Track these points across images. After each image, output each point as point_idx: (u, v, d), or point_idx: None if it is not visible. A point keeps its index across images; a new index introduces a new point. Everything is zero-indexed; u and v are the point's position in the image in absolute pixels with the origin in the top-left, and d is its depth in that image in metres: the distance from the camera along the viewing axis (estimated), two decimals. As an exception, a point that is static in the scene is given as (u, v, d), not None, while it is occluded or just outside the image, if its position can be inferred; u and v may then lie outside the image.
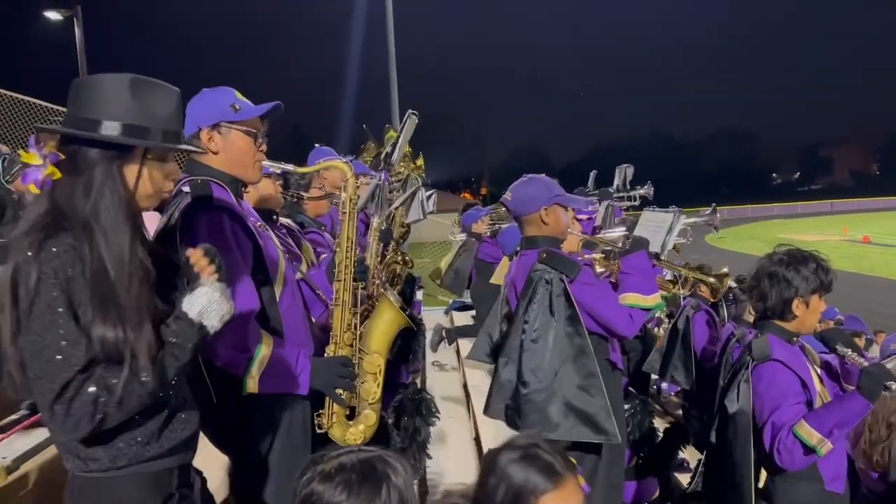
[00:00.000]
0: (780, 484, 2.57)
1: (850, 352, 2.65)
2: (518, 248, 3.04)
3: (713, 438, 2.78)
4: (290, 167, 2.61)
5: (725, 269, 3.20)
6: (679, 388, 6.02)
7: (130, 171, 1.64)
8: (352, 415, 2.33)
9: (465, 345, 7.50)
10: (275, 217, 2.94)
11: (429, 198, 4.03)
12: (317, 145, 4.36)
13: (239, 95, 2.24)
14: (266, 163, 2.37)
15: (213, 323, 1.63)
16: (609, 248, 3.12)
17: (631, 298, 2.75)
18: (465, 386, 6.38)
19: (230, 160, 2.21)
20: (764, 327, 2.67)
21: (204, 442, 2.24)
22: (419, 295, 10.10)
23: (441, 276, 8.19)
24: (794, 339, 2.66)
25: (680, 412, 5.90)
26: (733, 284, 4.94)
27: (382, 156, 3.91)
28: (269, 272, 2.22)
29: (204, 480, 1.94)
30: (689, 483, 4.21)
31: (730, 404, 2.60)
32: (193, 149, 2.08)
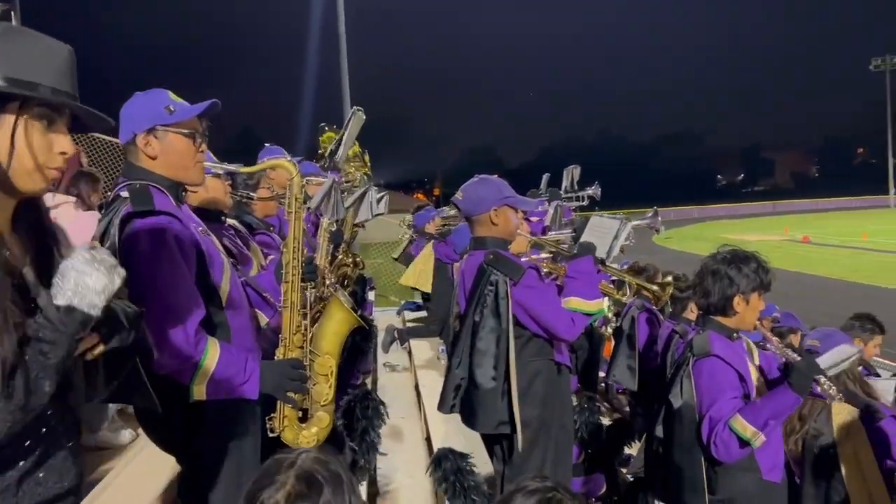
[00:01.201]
0: (720, 474, 2.67)
1: (783, 347, 2.76)
2: (467, 248, 3.08)
3: (659, 432, 2.87)
4: (233, 167, 2.58)
5: (669, 279, 3.30)
6: (632, 389, 6.17)
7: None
8: (304, 417, 2.32)
9: (417, 345, 7.51)
10: (223, 218, 2.91)
11: (380, 199, 4.05)
12: (266, 144, 4.33)
13: (173, 96, 2.19)
14: (208, 164, 2.34)
15: (92, 301, 1.26)
16: (557, 250, 3.18)
17: (574, 303, 2.81)
18: (416, 386, 6.39)
19: (169, 163, 2.16)
20: (706, 323, 2.77)
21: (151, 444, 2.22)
22: (371, 296, 10.09)
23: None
24: (735, 334, 2.76)
25: (627, 409, 6.04)
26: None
27: (327, 153, 3.91)
28: (213, 277, 2.19)
29: None
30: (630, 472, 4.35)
31: (674, 399, 2.70)
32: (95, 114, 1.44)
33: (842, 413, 3.11)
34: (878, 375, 4.21)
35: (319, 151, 5.68)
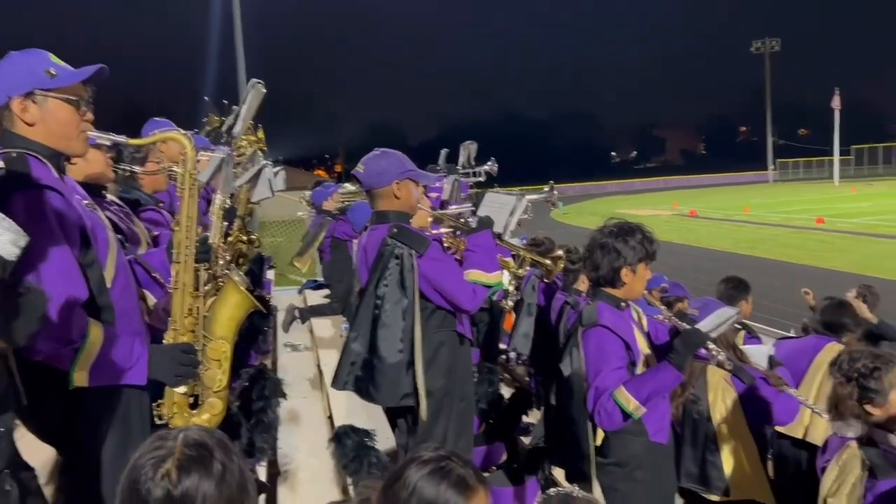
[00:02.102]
0: (612, 439, 2.77)
1: (671, 315, 2.88)
2: (368, 223, 3.05)
3: (553, 401, 2.96)
4: (121, 139, 2.42)
5: (560, 252, 3.39)
6: (526, 356, 6.34)
7: None
8: (195, 404, 2.23)
9: (319, 324, 7.43)
10: (103, 193, 2.75)
11: (276, 174, 3.92)
12: (154, 118, 4.11)
13: (54, 59, 2.03)
14: (93, 133, 2.19)
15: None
16: (456, 224, 3.20)
17: (474, 275, 2.85)
18: (318, 366, 6.32)
19: (50, 132, 2.00)
20: (596, 294, 2.85)
21: (28, 436, 2.08)
22: (270, 275, 9.86)
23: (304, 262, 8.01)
24: (623, 304, 2.85)
25: (527, 380, 6.20)
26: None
27: (224, 128, 3.75)
28: (97, 255, 2.06)
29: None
30: (531, 442, 4.47)
31: (564, 368, 2.78)
32: None
33: (715, 377, 3.31)
34: (758, 338, 4.49)
35: (204, 120, 5.45)
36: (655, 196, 51.73)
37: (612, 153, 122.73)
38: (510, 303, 5.80)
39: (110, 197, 2.90)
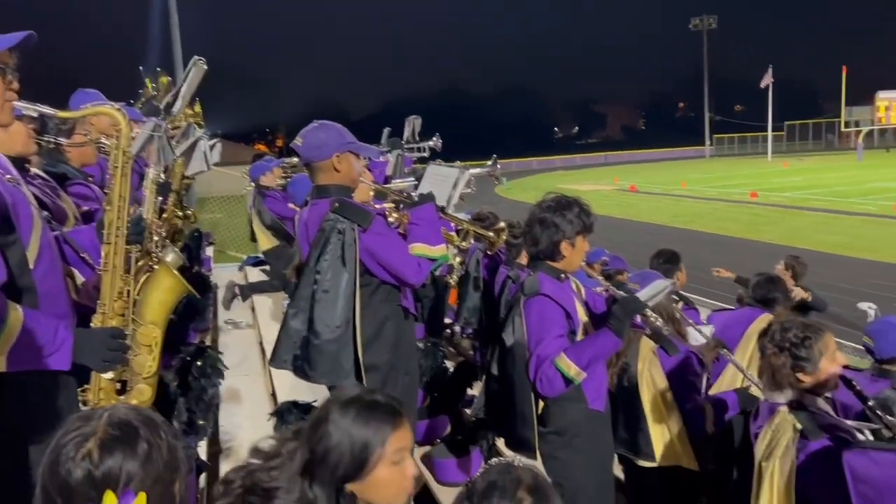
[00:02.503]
0: (551, 407, 2.83)
1: (610, 286, 2.94)
2: (309, 197, 2.99)
3: (494, 370, 2.98)
4: (49, 110, 2.30)
5: (502, 224, 3.40)
6: (471, 330, 6.39)
7: None
8: (123, 390, 2.16)
9: (261, 301, 7.32)
10: (27, 167, 2.62)
11: (212, 147, 3.81)
12: (83, 90, 3.93)
13: None
14: (19, 104, 2.07)
15: None
16: (399, 198, 3.17)
17: (419, 248, 2.83)
18: (260, 343, 6.25)
19: None
20: (536, 267, 2.90)
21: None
22: (209, 251, 9.65)
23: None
24: (563, 275, 2.89)
25: (472, 353, 6.25)
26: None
27: (163, 105, 3.61)
28: (20, 234, 1.96)
29: None
30: (472, 411, 4.52)
31: (507, 337, 2.81)
32: None
33: (646, 347, 3.40)
34: (695, 308, 4.62)
35: (140, 92, 5.26)
36: (597, 171, 52.45)
37: (555, 129, 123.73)
38: (455, 278, 5.83)
39: (34, 171, 2.77)
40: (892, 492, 2.02)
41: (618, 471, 3.57)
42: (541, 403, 2.83)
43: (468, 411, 4.61)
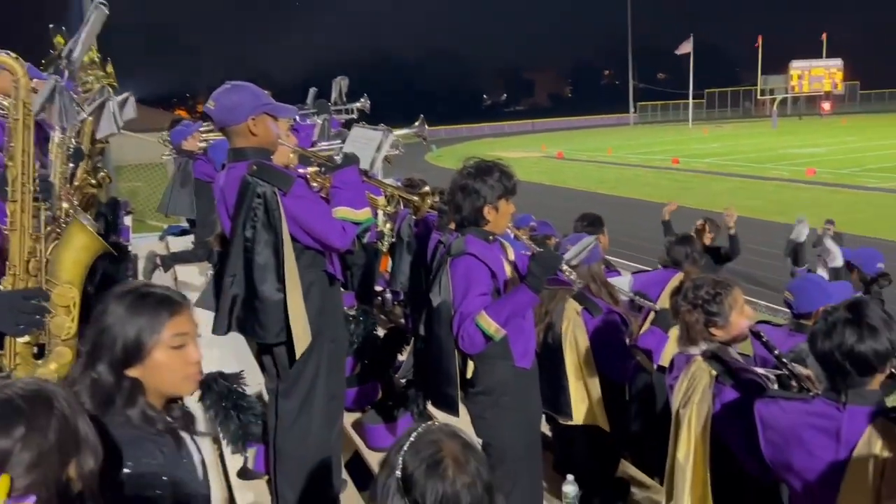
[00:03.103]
0: (479, 366, 2.83)
1: (532, 245, 2.96)
2: (225, 162, 2.87)
3: (421, 331, 2.97)
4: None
5: (427, 189, 3.34)
6: (402, 297, 6.38)
7: None
8: (41, 353, 2.09)
9: (184, 271, 7.11)
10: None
11: (123, 104, 3.57)
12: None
13: None
14: None
15: None
16: (322, 161, 3.09)
17: (342, 212, 2.76)
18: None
19: None
20: (464, 232, 2.85)
21: None
22: (127, 221, 9.28)
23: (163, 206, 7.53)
24: (491, 237, 2.86)
25: (403, 321, 6.25)
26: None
27: (64, 53, 3.37)
28: None
29: None
30: (401, 373, 4.55)
31: (434, 297, 2.79)
32: None
33: (571, 308, 3.48)
34: (617, 271, 4.74)
35: (52, 54, 4.96)
36: (525, 139, 52.91)
37: (484, 96, 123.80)
38: (386, 244, 5.80)
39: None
40: (797, 438, 2.14)
41: (546, 429, 3.66)
42: (470, 366, 2.83)
43: (398, 378, 4.63)
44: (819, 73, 63.76)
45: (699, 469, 2.55)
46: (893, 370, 2.21)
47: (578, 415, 3.38)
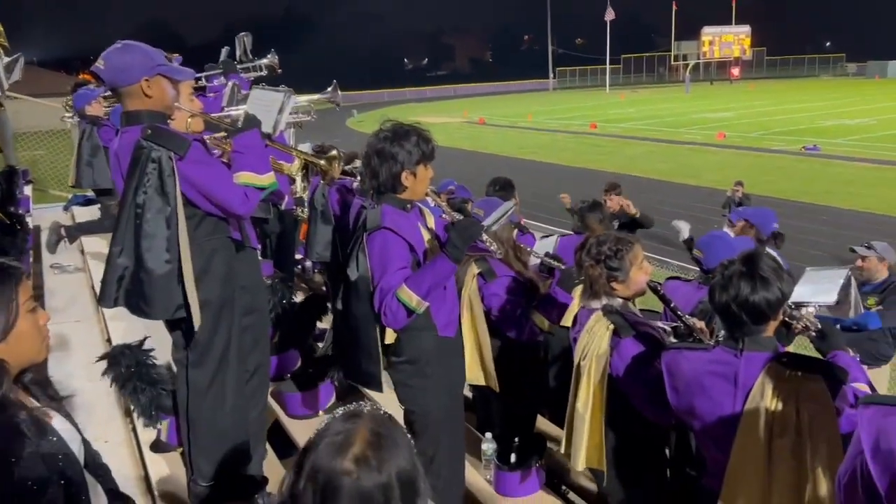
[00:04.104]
0: (402, 337, 2.80)
1: (453, 214, 2.95)
2: (120, 126, 2.72)
3: (339, 306, 2.93)
4: None
5: (334, 153, 3.23)
6: (322, 265, 6.30)
7: None
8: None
9: (90, 242, 6.82)
10: None
11: (13, 64, 3.34)
12: None
13: None
14: None
15: None
16: (222, 125, 2.95)
17: (245, 177, 2.64)
18: (92, 287, 5.83)
19: None
20: (381, 200, 2.78)
21: None
22: (27, 190, 8.80)
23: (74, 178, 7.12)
24: (408, 205, 2.80)
25: (324, 289, 6.19)
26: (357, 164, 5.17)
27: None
28: None
29: None
30: (322, 348, 4.51)
31: (351, 273, 2.72)
32: None
33: (470, 273, 3.52)
34: (531, 233, 4.80)
35: None
36: (447, 104, 52.75)
37: (405, 60, 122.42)
38: (305, 211, 5.68)
39: None
40: (699, 384, 2.26)
41: (468, 391, 3.71)
42: (390, 333, 2.80)
43: (320, 345, 4.59)
44: (729, 40, 66.01)
45: (596, 418, 2.66)
46: (787, 319, 2.35)
47: (471, 376, 3.41)
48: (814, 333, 2.41)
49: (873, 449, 1.65)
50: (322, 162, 3.09)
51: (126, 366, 3.20)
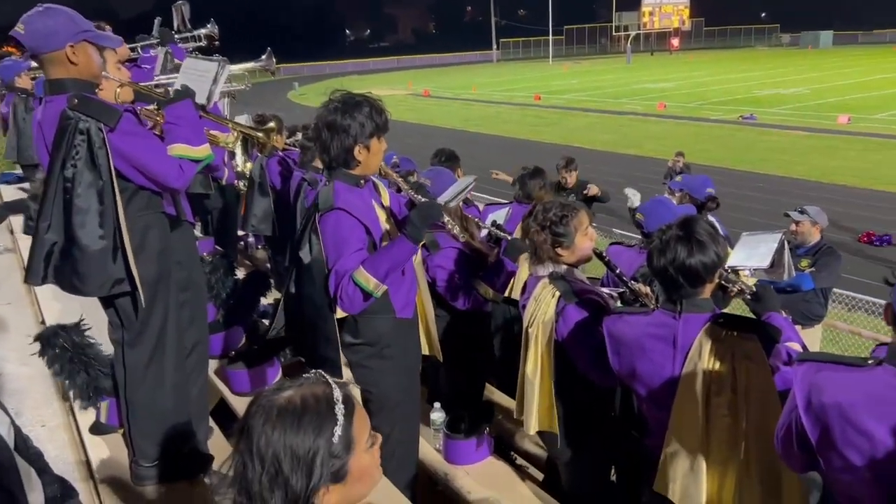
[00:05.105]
0: (360, 321, 2.75)
1: (409, 188, 2.91)
2: (43, 94, 2.57)
3: (293, 289, 2.82)
4: None
5: (272, 124, 3.10)
6: (266, 241, 6.19)
7: None
8: None
9: (19, 221, 6.56)
10: None
11: None
12: None
13: None
14: None
15: None
16: (154, 95, 2.83)
17: (179, 149, 2.53)
18: (23, 267, 5.60)
19: None
20: (332, 175, 2.69)
21: None
22: (-52, 169, 8.39)
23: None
24: (361, 181, 2.71)
25: (268, 265, 6.10)
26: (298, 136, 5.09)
27: None
28: None
29: None
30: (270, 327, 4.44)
31: (304, 255, 2.64)
32: None
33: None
34: (476, 206, 4.81)
35: None
36: (391, 76, 52.25)
37: (347, 31, 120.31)
38: (244, 186, 5.55)
39: None
40: (640, 347, 2.31)
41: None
42: (340, 310, 2.73)
43: (265, 321, 4.52)
44: (668, 10, 66.85)
45: (545, 382, 2.70)
46: (723, 282, 2.41)
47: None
48: (749, 296, 2.48)
49: (805, 403, 1.72)
50: (259, 134, 2.98)
51: (61, 347, 3.09)
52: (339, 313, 2.72)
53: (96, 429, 3.21)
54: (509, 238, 3.32)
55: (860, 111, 23.67)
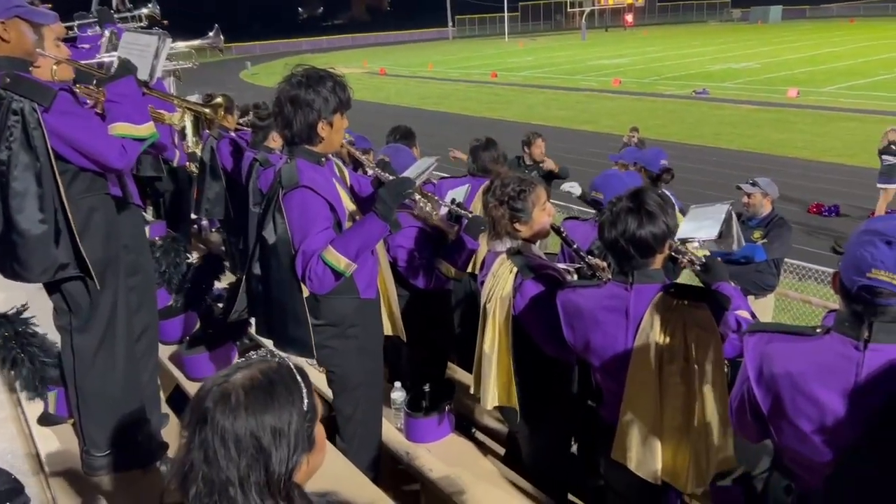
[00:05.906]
0: (323, 302, 2.69)
1: (374, 167, 2.86)
2: None
3: (257, 270, 2.75)
4: None
5: (219, 100, 3.01)
6: (220, 223, 6.08)
7: None
8: None
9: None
10: None
11: None
12: None
13: None
14: None
15: None
16: (93, 73, 2.73)
17: (121, 128, 2.45)
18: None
19: None
20: (293, 152, 2.63)
21: None
22: None
23: None
24: (323, 159, 2.66)
25: (223, 249, 5.99)
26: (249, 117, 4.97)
27: None
28: None
29: None
30: (226, 311, 4.37)
31: (268, 235, 2.58)
32: None
33: None
34: (433, 183, 4.78)
35: None
36: (346, 54, 51.58)
37: (300, 9, 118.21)
38: (195, 168, 5.42)
39: None
40: (594, 320, 2.32)
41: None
42: (306, 293, 2.67)
43: (219, 305, 4.45)
44: (623, -14, 67.02)
45: (503, 358, 2.70)
46: (673, 253, 2.44)
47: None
48: (698, 267, 2.51)
49: (757, 374, 1.75)
50: (207, 110, 2.90)
51: (3, 336, 3.00)
52: (305, 292, 2.67)
53: (45, 420, 3.12)
54: (470, 216, 3.31)
55: (809, 85, 24.19)
